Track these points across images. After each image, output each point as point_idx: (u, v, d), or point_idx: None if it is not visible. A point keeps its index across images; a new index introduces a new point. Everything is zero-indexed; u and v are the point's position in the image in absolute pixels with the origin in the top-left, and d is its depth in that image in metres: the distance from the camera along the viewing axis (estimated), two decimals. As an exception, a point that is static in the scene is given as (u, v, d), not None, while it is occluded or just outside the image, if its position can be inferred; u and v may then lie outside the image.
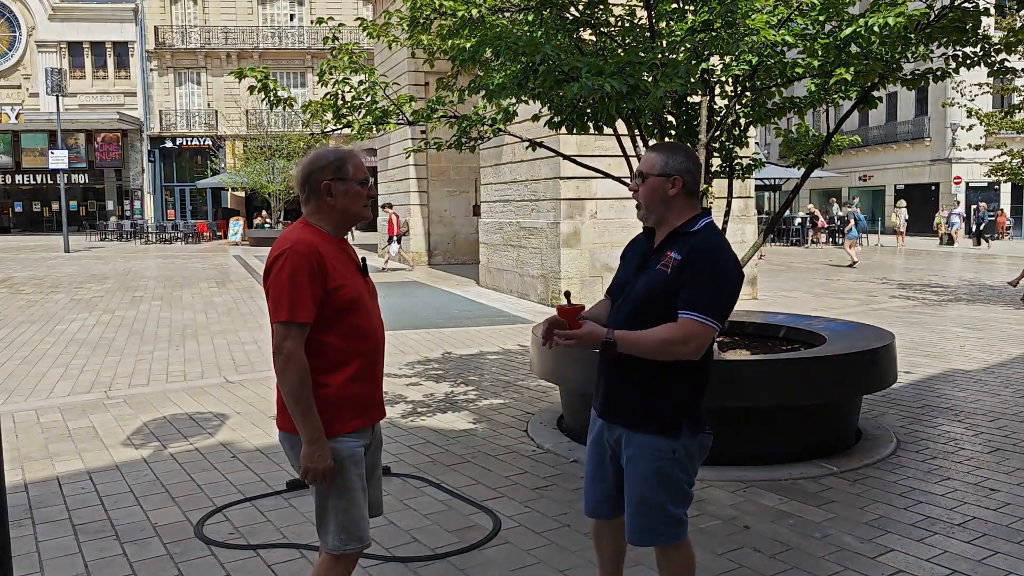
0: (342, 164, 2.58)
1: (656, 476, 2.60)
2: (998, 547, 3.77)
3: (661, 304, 2.55)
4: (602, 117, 4.86)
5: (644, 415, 2.62)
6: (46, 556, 3.78)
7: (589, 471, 2.86)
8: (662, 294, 2.56)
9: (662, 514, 2.62)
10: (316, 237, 2.54)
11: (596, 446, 2.82)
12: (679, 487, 2.63)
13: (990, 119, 18.23)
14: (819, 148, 6.05)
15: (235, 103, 39.09)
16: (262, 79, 5.49)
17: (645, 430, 2.61)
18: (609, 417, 2.73)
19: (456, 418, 6.11)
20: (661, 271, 2.58)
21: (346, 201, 2.59)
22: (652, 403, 2.61)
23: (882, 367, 5.13)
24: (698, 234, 2.60)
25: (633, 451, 2.64)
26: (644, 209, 2.68)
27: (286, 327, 2.45)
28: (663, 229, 2.67)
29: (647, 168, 2.65)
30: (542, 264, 12.90)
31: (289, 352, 2.44)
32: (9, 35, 40.28)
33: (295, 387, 2.45)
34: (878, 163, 39.14)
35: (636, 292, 2.64)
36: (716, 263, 2.54)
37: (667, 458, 2.60)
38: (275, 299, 2.47)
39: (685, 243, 2.58)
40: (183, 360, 8.52)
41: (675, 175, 2.61)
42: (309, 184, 2.58)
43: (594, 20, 5.53)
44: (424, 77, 19.30)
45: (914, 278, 17.02)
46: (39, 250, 27.38)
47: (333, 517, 2.56)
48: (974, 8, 5.11)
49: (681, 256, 2.54)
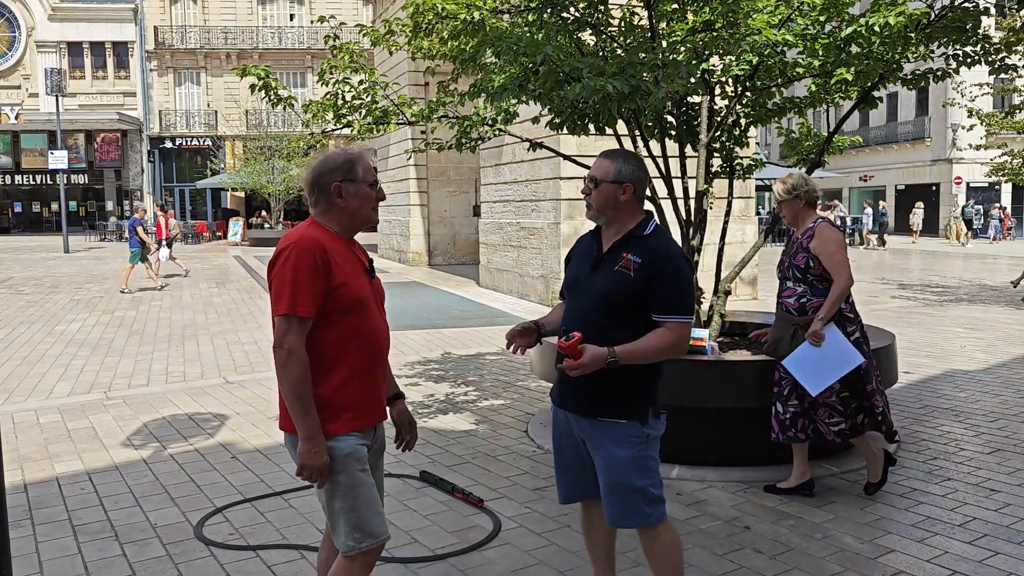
0: (352, 166, 2.58)
1: (633, 461, 2.74)
2: (999, 548, 3.76)
3: (622, 304, 2.71)
4: (604, 118, 4.85)
5: (613, 405, 2.75)
6: (46, 557, 3.78)
7: (566, 462, 2.96)
8: (625, 296, 2.71)
9: (647, 496, 2.77)
10: (323, 235, 2.53)
11: (566, 438, 2.93)
12: (655, 468, 2.80)
13: (990, 119, 18.23)
14: (820, 148, 6.05)
15: (235, 103, 39.08)
16: (263, 77, 5.50)
17: (616, 418, 2.74)
18: (577, 410, 2.83)
19: (456, 419, 6.11)
20: (622, 273, 2.73)
21: (356, 203, 2.58)
22: (619, 393, 2.74)
23: (882, 368, 5.12)
24: (652, 239, 2.77)
25: (606, 440, 2.76)
26: (595, 211, 2.84)
27: (287, 321, 2.44)
28: (613, 230, 2.84)
29: (600, 174, 2.82)
30: (542, 264, 12.90)
31: (291, 347, 2.43)
32: (9, 35, 40.28)
33: (295, 383, 2.44)
34: (879, 163, 39.13)
35: (594, 292, 2.78)
36: (679, 270, 2.74)
37: (641, 443, 2.75)
38: (276, 292, 2.47)
39: (641, 246, 2.75)
40: (183, 360, 8.52)
41: (627, 182, 2.79)
42: (319, 186, 2.58)
43: (594, 21, 5.53)
44: (424, 77, 19.29)
45: (915, 278, 17.02)
46: (39, 250, 27.38)
47: (343, 517, 2.53)
48: (974, 8, 5.10)
49: (641, 259, 2.71)
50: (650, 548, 2.86)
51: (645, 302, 2.70)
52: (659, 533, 2.82)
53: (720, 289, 5.67)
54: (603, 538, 3.06)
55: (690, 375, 4.62)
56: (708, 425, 4.82)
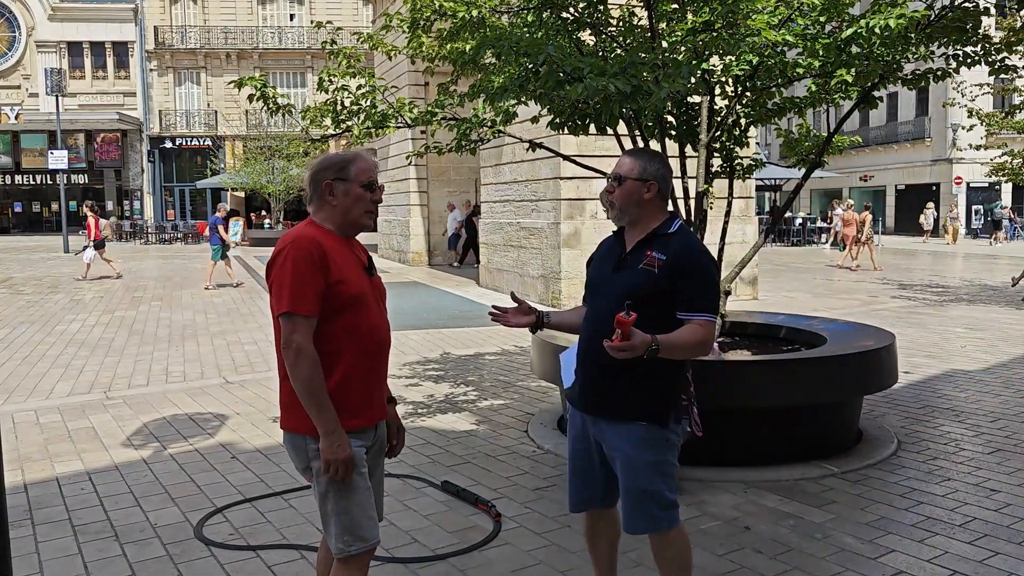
0: (345, 165, 2.59)
1: (651, 465, 2.70)
2: (999, 548, 3.76)
3: (646, 302, 2.64)
4: (605, 118, 4.85)
5: (633, 407, 2.70)
6: (46, 557, 3.78)
7: (576, 467, 2.94)
8: (650, 293, 2.67)
9: (662, 501, 2.72)
10: (319, 233, 2.54)
11: (581, 441, 2.89)
12: (672, 473, 2.75)
13: (991, 119, 18.22)
14: (820, 148, 6.05)
15: (235, 103, 39.06)
16: (260, 87, 5.46)
17: (635, 421, 2.69)
18: (594, 412, 2.79)
19: (456, 419, 6.11)
20: (647, 271, 2.69)
21: (347, 202, 2.57)
22: (639, 395, 2.70)
23: (883, 367, 5.13)
24: (676, 237, 2.74)
25: (625, 443, 2.72)
26: (618, 210, 2.82)
27: (291, 320, 2.44)
28: (638, 229, 2.81)
29: (625, 172, 2.79)
30: (542, 264, 12.90)
31: (299, 345, 2.43)
32: (9, 35, 40.27)
33: (307, 380, 2.43)
34: (879, 163, 39.14)
35: (618, 289, 2.72)
36: (705, 269, 2.72)
37: (660, 446, 2.71)
38: (276, 292, 2.47)
39: (665, 244, 2.72)
40: (183, 361, 8.52)
41: (651, 180, 2.77)
42: (313, 183, 2.60)
43: (594, 21, 5.53)
44: (423, 78, 19.28)
45: (915, 278, 17.02)
46: (39, 250, 27.40)
47: (335, 519, 2.53)
48: (974, 8, 5.10)
49: (666, 257, 2.67)
50: (661, 553, 2.82)
51: (669, 300, 2.66)
52: (671, 539, 2.79)
53: (720, 289, 5.67)
54: (606, 548, 3.02)
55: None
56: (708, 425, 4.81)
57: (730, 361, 5.02)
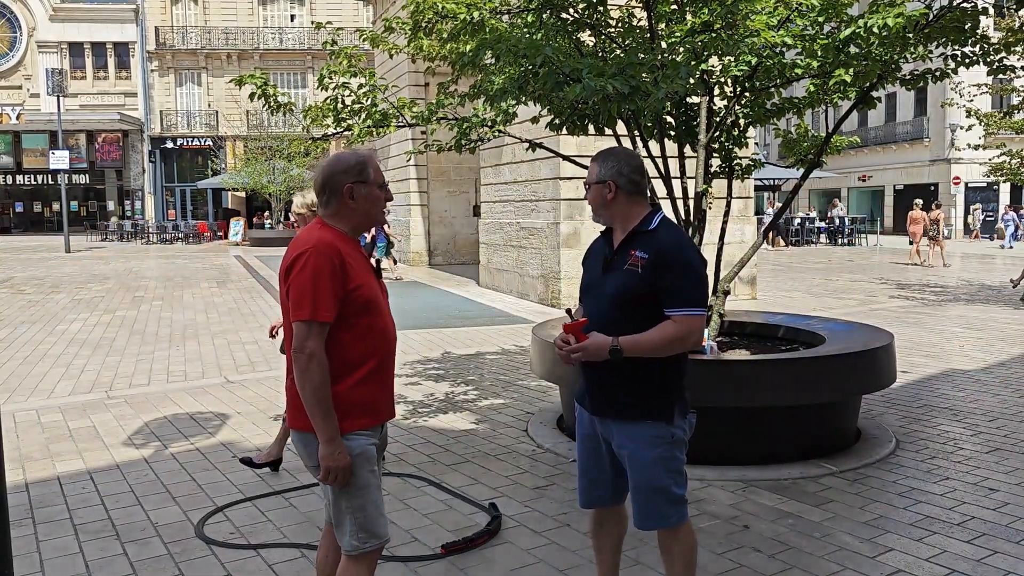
0: (363, 167, 2.60)
1: (659, 462, 2.73)
2: (997, 547, 3.78)
3: (635, 302, 2.69)
4: (603, 118, 4.87)
5: (638, 406, 2.72)
6: (47, 556, 3.79)
7: (585, 465, 2.95)
8: (636, 294, 2.69)
9: (670, 496, 2.75)
10: (335, 237, 2.55)
11: (590, 440, 2.91)
12: (679, 468, 2.78)
13: (989, 119, 18.24)
14: (818, 148, 6.07)
15: (236, 103, 39.07)
16: (261, 85, 5.48)
17: (641, 420, 2.72)
18: (601, 412, 2.81)
19: (456, 418, 6.12)
20: (631, 271, 2.71)
21: (367, 204, 2.60)
22: (644, 393, 2.72)
23: (881, 367, 5.14)
24: (658, 232, 2.75)
25: (632, 442, 2.74)
26: (595, 213, 2.87)
27: (308, 326, 2.46)
28: (619, 229, 2.83)
29: (589, 177, 2.85)
30: (542, 264, 12.91)
31: (312, 351, 2.45)
32: (10, 35, 40.31)
33: (317, 387, 2.45)
34: (877, 163, 39.13)
35: (607, 292, 2.76)
36: (686, 261, 2.70)
37: (667, 443, 2.73)
38: (297, 298, 2.48)
39: (647, 241, 2.73)
40: (184, 360, 8.53)
41: (608, 180, 2.78)
42: (330, 187, 2.59)
43: (593, 22, 5.54)
44: (424, 78, 19.30)
45: (913, 278, 17.03)
46: (40, 250, 27.40)
47: (350, 517, 2.56)
48: (973, 8, 5.11)
49: (648, 255, 2.69)
50: (668, 547, 2.84)
51: (657, 298, 2.67)
52: (679, 534, 2.82)
53: (719, 289, 5.68)
54: (611, 544, 3.04)
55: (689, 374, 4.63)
56: (707, 424, 4.81)
57: (729, 360, 5.03)
